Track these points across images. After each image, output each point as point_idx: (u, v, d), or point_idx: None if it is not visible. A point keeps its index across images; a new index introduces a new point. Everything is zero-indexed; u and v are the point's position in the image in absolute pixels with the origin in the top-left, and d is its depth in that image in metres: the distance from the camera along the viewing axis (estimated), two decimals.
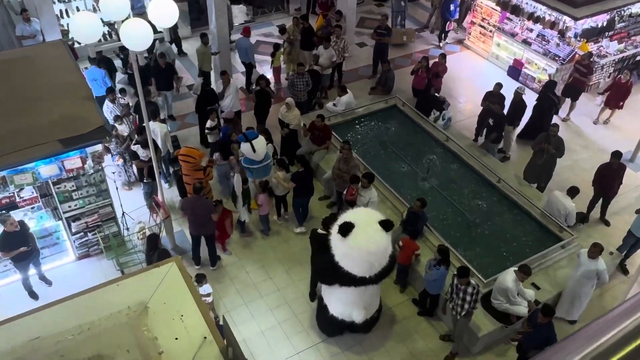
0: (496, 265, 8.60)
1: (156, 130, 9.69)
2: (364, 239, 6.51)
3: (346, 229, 6.49)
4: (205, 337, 3.99)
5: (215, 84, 11.60)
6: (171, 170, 10.42)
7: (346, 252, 6.60)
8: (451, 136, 10.97)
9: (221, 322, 7.62)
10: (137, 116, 10.49)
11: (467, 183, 10.25)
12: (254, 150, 9.13)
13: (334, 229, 6.76)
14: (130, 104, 10.69)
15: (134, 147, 9.35)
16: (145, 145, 9.15)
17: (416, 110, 11.64)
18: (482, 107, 11.31)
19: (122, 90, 10.93)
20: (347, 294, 7.17)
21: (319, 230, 7.68)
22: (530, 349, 7.09)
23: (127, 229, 9.31)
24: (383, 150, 11.01)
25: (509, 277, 7.52)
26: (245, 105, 12.40)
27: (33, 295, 8.32)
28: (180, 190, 10.13)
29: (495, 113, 10.71)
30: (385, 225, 6.66)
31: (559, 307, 8.23)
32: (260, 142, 9.23)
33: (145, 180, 9.59)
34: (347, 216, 6.80)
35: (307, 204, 9.60)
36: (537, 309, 7.01)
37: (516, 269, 7.57)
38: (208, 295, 7.66)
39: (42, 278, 8.52)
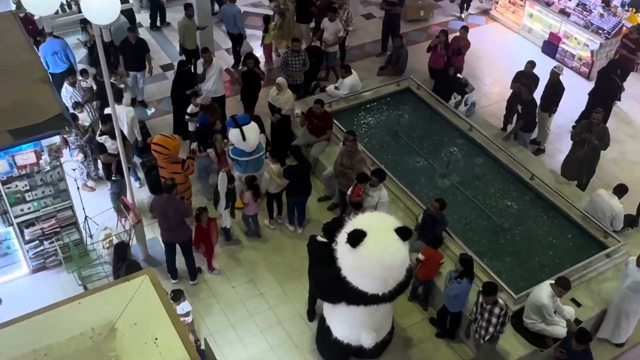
0: (529, 278, 8.59)
1: (121, 115, 9.66)
2: (377, 249, 6.48)
3: (357, 238, 6.45)
4: None
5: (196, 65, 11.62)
6: (139, 161, 10.44)
7: (356, 265, 6.58)
8: (475, 125, 10.97)
9: (202, 347, 7.64)
10: (100, 102, 10.49)
11: (495, 180, 10.24)
12: (244, 139, 9.12)
13: (341, 238, 6.74)
14: (94, 88, 10.69)
15: (101, 139, 9.35)
16: (114, 136, 9.13)
17: (433, 94, 11.64)
18: (512, 90, 11.31)
19: (84, 72, 10.92)
20: (354, 314, 7.17)
21: (319, 238, 7.68)
22: None
23: (91, 236, 9.31)
24: (394, 141, 11.00)
25: (544, 292, 7.52)
26: (230, 89, 12.41)
27: None
28: (151, 186, 10.14)
29: (523, 99, 10.70)
30: (403, 233, 6.63)
31: (603, 326, 8.25)
32: (252, 129, 9.24)
33: (113, 178, 9.59)
34: (357, 222, 6.77)
35: (304, 204, 9.62)
36: (573, 334, 7.02)
37: (553, 282, 7.58)
38: (187, 314, 7.66)
39: None
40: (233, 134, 9.19)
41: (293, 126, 11.00)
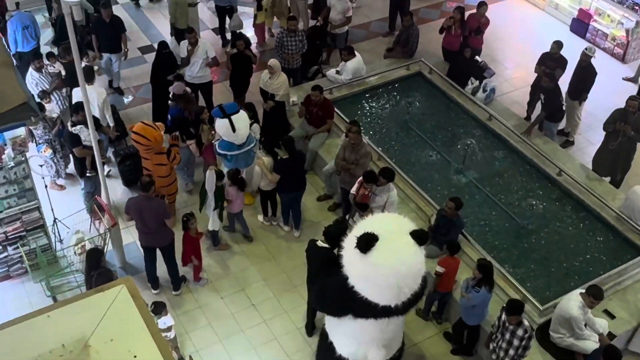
0: (556, 287, 8.60)
1: (92, 97, 9.64)
2: (392, 256, 6.41)
3: (368, 243, 6.38)
4: None
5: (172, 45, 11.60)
6: (111, 151, 10.47)
7: (366, 274, 6.51)
8: (495, 113, 10.98)
9: None
10: (70, 89, 10.49)
11: (517, 176, 10.25)
12: (234, 130, 9.11)
13: (348, 242, 6.72)
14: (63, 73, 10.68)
15: (76, 129, 9.32)
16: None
17: (448, 79, 11.64)
18: (536, 75, 11.32)
19: (51, 55, 10.92)
20: (363, 328, 7.11)
21: (320, 243, 7.69)
22: None
23: (61, 241, 9.31)
24: (404, 133, 11.01)
25: (573, 302, 7.53)
26: (219, 74, 12.40)
27: None
28: (125, 178, 10.19)
29: (545, 87, 10.66)
30: (420, 237, 6.57)
31: (636, 339, 8.25)
32: (242, 118, 9.23)
33: (88, 174, 9.59)
34: (367, 225, 6.70)
35: (299, 200, 9.65)
36: (600, 350, 7.00)
37: (583, 291, 7.58)
38: (169, 329, 7.66)
39: None
40: (221, 125, 9.17)
41: (288, 115, 11.01)
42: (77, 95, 9.93)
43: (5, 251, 8.83)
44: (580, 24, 13.99)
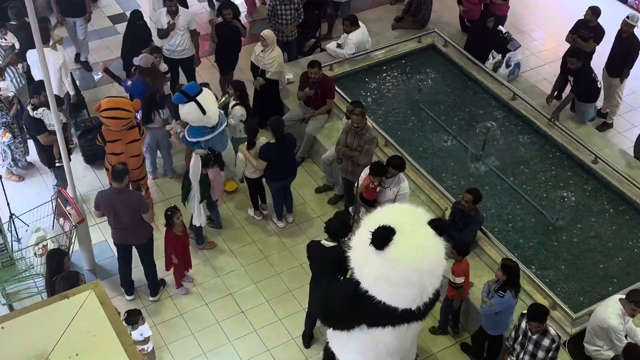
0: (591, 292, 8.58)
1: (49, 60, 9.54)
2: (412, 250, 6.37)
3: (385, 238, 6.34)
4: None
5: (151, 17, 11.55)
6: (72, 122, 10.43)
7: (384, 274, 6.43)
8: (520, 92, 10.94)
9: None
10: (25, 64, 10.44)
11: (545, 165, 10.24)
12: (204, 112, 9.03)
13: (358, 240, 6.70)
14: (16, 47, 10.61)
15: (37, 113, 9.23)
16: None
17: (466, 53, 11.61)
18: (568, 46, 11.24)
19: (1, 26, 10.85)
20: (378, 340, 7.04)
21: (324, 242, 7.66)
22: None
23: (18, 240, 9.26)
24: (414, 115, 10.99)
25: (611, 309, 7.49)
26: (202, 48, 12.32)
27: None
28: (86, 154, 10.30)
29: (579, 54, 10.50)
30: (439, 225, 6.60)
31: None
32: (207, 96, 9.13)
33: (57, 164, 9.57)
34: (379, 217, 6.65)
35: (288, 186, 9.73)
36: (617, 357, 6.98)
37: (623, 297, 7.54)
38: (145, 341, 7.65)
39: None
40: (188, 110, 9.04)
41: (282, 95, 10.99)
42: (31, 58, 9.96)
43: None
44: None
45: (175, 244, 8.66)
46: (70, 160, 8.81)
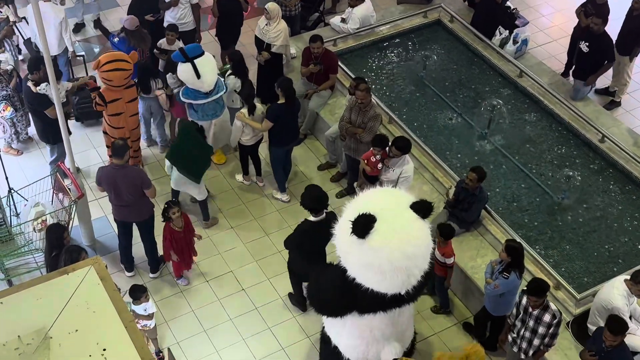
0: (596, 272, 8.60)
1: (47, 15, 9.54)
2: (394, 236, 6.43)
3: (365, 226, 6.40)
4: None
5: None
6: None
7: (368, 261, 6.52)
8: (527, 69, 10.89)
9: (166, 359, 7.67)
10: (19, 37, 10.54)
11: (552, 143, 10.22)
12: (199, 76, 9.10)
13: (341, 228, 6.72)
14: (13, 20, 10.56)
15: (40, 89, 9.16)
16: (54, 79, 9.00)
17: (472, 29, 11.55)
18: (577, 22, 11.18)
19: None
20: (371, 325, 7.15)
21: (311, 218, 7.67)
22: None
23: (17, 214, 9.28)
24: (419, 92, 10.96)
25: (616, 290, 7.50)
26: (203, 21, 12.24)
27: None
28: (80, 112, 10.35)
29: (592, 33, 10.53)
30: (422, 208, 6.64)
31: None
32: (207, 61, 9.23)
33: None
34: (359, 205, 6.72)
35: (290, 154, 9.81)
36: (600, 331, 6.97)
37: (628, 277, 7.55)
38: (150, 317, 7.68)
39: None
40: (183, 70, 9.17)
41: (286, 70, 10.95)
42: (30, 12, 9.98)
43: None
44: None
45: (176, 239, 8.53)
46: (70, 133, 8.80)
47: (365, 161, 8.78)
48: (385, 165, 8.64)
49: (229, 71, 9.86)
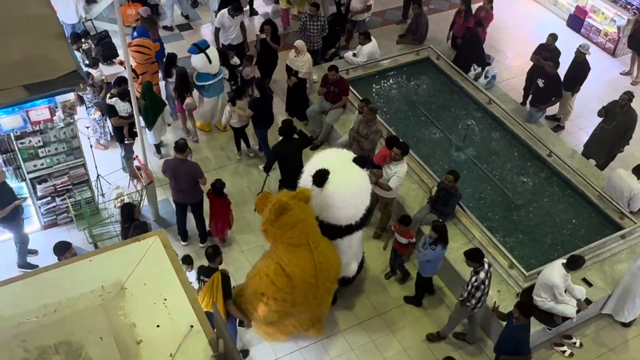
0: (541, 256, 8.60)
1: None
2: (344, 182, 7.03)
3: (322, 177, 6.93)
4: (192, 326, 4.00)
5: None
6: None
7: (327, 203, 7.04)
8: (494, 98, 10.85)
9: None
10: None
11: (511, 156, 10.17)
12: (210, 62, 9.84)
13: (304, 183, 7.15)
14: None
15: (111, 101, 9.26)
16: (124, 97, 9.09)
17: (453, 65, 11.51)
18: (532, 64, 11.13)
19: (86, 35, 10.89)
20: (337, 247, 7.48)
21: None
22: (500, 355, 7.10)
23: (103, 194, 9.36)
24: (411, 112, 10.92)
25: (556, 270, 7.51)
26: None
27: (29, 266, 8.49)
28: (104, 56, 11.17)
29: (546, 72, 10.50)
30: (360, 161, 7.30)
31: (609, 302, 8.25)
32: (213, 51, 10.01)
33: (126, 142, 9.57)
34: (315, 164, 7.19)
35: (266, 135, 10.03)
36: (511, 312, 6.91)
37: (564, 261, 7.55)
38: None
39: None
40: (198, 59, 9.82)
41: (309, 91, 10.94)
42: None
43: (54, 202, 8.90)
44: (577, 20, 13.68)
45: (221, 209, 8.63)
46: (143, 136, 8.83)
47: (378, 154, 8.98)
48: (387, 166, 8.59)
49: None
